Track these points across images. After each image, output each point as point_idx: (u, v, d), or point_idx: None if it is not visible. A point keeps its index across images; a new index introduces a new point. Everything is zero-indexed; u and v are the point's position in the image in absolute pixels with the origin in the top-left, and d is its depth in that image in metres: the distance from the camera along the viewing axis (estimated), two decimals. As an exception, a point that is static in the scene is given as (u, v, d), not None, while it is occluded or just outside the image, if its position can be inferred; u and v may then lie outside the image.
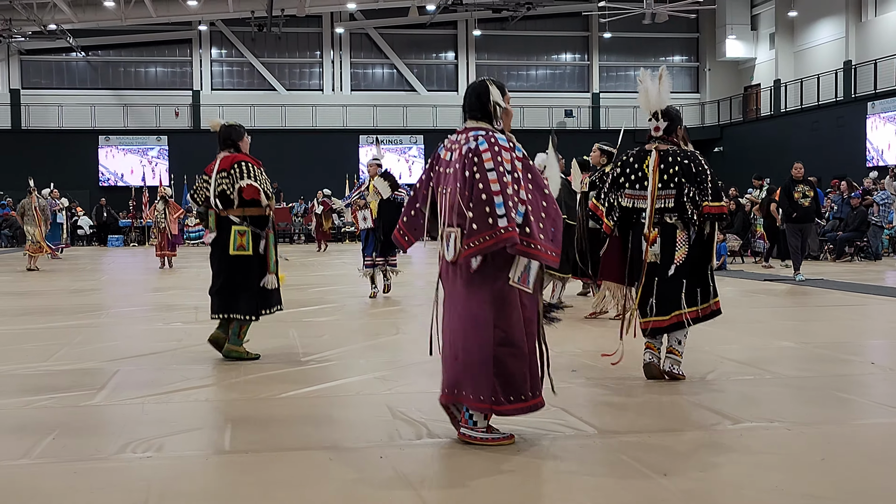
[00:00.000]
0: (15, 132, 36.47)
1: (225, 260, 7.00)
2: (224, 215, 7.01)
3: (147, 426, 5.01)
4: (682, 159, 5.95)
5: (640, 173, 6.03)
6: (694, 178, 5.89)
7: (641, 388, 5.89)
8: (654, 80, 6.08)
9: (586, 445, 4.56)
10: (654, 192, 5.94)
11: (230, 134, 7.17)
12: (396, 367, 6.82)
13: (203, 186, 7.17)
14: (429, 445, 4.60)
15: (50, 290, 13.84)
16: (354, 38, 39.30)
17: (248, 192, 6.90)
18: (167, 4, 33.96)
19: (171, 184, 33.57)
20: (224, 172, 7.00)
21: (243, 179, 6.89)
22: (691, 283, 5.97)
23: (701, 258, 5.99)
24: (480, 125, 4.57)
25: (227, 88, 38.62)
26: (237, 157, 7.03)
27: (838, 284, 13.38)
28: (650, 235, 5.96)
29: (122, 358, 7.29)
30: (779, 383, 6.14)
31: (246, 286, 7.01)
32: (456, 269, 4.52)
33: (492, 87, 4.61)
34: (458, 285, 4.53)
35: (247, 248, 6.95)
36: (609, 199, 6.15)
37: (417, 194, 4.79)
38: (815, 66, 33.76)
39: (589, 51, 40.48)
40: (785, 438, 4.69)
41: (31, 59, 37.68)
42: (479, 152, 4.39)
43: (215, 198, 7.01)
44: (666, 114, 6.08)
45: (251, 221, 7.00)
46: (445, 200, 4.54)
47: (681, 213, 5.93)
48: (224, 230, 7.01)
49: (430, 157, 4.78)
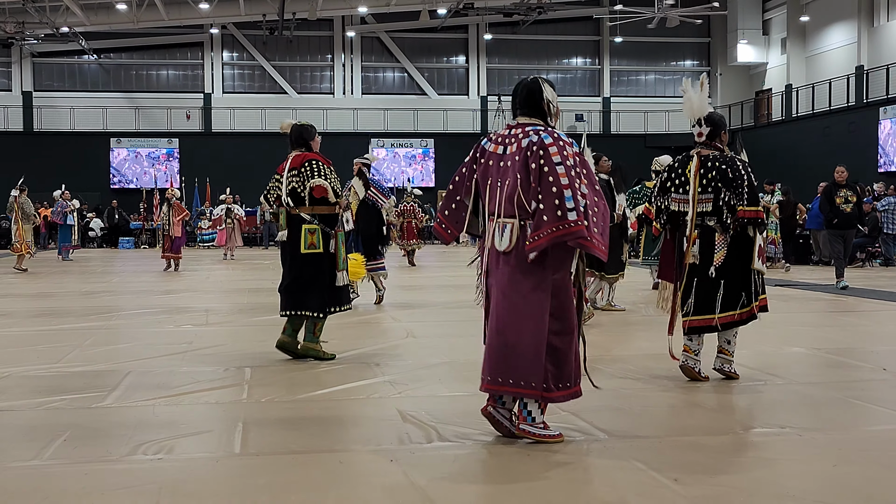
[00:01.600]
0: (27, 134, 36.60)
1: (296, 258, 7.12)
2: (295, 213, 7.14)
3: (157, 428, 5.02)
4: (720, 164, 6.13)
5: (684, 178, 6.25)
6: (730, 183, 6.07)
7: (653, 393, 5.88)
8: (695, 88, 6.31)
9: (596, 450, 4.55)
10: (696, 195, 6.14)
11: (302, 133, 7.34)
12: (407, 370, 6.82)
13: (275, 186, 7.32)
14: (439, 449, 4.59)
15: (61, 293, 13.87)
16: (365, 41, 39.35)
17: (318, 190, 7.04)
18: (179, 7, 34.05)
19: (182, 186, 33.66)
20: (295, 171, 7.15)
21: (314, 178, 7.03)
22: (732, 286, 6.12)
23: (743, 261, 6.13)
24: (534, 121, 4.70)
25: (238, 91, 38.70)
26: (308, 156, 7.19)
27: (850, 290, 13.33)
28: (690, 237, 6.16)
29: (133, 360, 7.31)
30: (790, 389, 6.12)
31: (316, 284, 7.12)
32: (509, 259, 4.59)
33: (545, 85, 4.74)
34: (511, 274, 4.58)
35: (317, 245, 7.08)
36: (657, 203, 6.39)
37: (458, 187, 4.86)
38: (827, 71, 33.68)
39: (600, 55, 40.45)
40: (797, 444, 4.68)
41: (44, 61, 37.82)
42: (544, 146, 4.50)
43: (287, 195, 7.14)
44: (708, 119, 6.28)
45: (321, 219, 7.12)
46: (499, 192, 4.62)
47: (719, 216, 6.11)
48: (295, 228, 7.13)
49: (473, 151, 4.84)
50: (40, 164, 33.89)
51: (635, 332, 9.03)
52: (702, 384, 6.18)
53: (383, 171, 37.27)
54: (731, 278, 6.11)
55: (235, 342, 8.46)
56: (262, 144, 35.62)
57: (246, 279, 16.49)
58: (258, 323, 9.81)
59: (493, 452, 4.50)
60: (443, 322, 9.62)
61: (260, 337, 8.73)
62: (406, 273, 17.87)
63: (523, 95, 4.75)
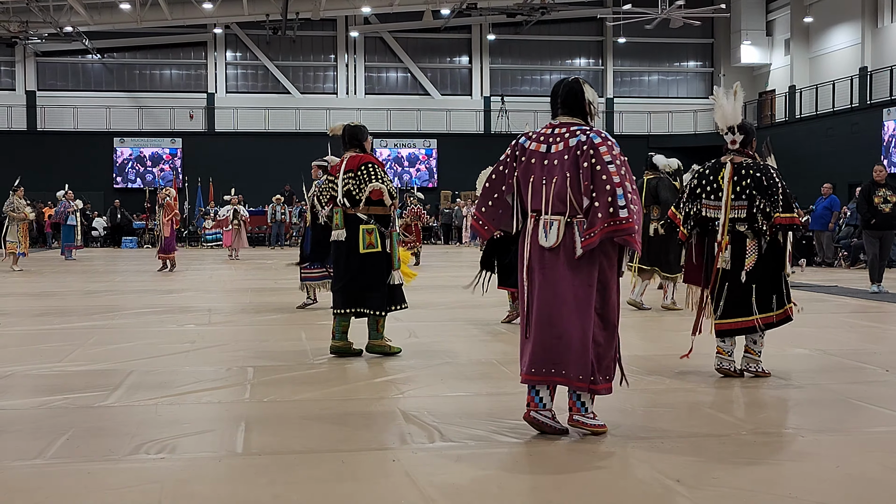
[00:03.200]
0: (31, 133, 36.64)
1: (355, 258, 7.21)
2: (351, 213, 7.24)
3: (160, 427, 5.03)
4: (754, 172, 6.25)
5: (716, 184, 6.35)
6: (765, 191, 6.19)
7: (658, 393, 5.88)
8: (728, 96, 6.39)
9: (598, 449, 4.55)
10: (728, 202, 6.24)
11: (356, 134, 7.46)
12: (409, 370, 6.82)
13: (329, 187, 7.43)
14: (441, 449, 4.59)
15: (64, 292, 13.88)
16: (369, 41, 39.37)
17: (376, 193, 7.17)
18: (182, 7, 34.08)
19: (185, 185, 33.69)
20: (351, 173, 7.27)
21: (372, 182, 7.17)
22: (764, 290, 6.25)
23: (774, 266, 6.28)
24: (576, 120, 4.83)
25: (242, 91, 38.72)
26: (364, 159, 7.31)
27: (853, 291, 13.33)
28: (722, 243, 6.25)
29: (135, 359, 7.31)
30: (793, 390, 6.12)
31: (375, 282, 7.23)
32: (556, 255, 4.70)
33: (586, 85, 4.90)
34: (558, 270, 4.69)
35: (376, 245, 7.21)
36: (686, 209, 6.49)
37: (497, 184, 4.92)
38: (831, 73, 33.66)
39: (603, 56, 40.45)
40: (799, 446, 4.68)
41: (47, 60, 37.86)
42: (594, 145, 4.64)
43: (342, 196, 7.25)
44: (742, 127, 6.38)
45: (376, 220, 7.24)
46: (545, 189, 4.71)
47: (751, 222, 6.22)
48: (351, 229, 7.23)
49: (510, 149, 4.93)
50: (44, 164, 33.97)
51: (639, 331, 9.02)
52: (704, 385, 6.18)
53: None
54: (762, 282, 6.25)
55: (238, 342, 8.46)
56: (266, 144, 35.74)
57: (249, 279, 16.49)
58: (261, 322, 9.82)
59: (495, 453, 4.51)
60: (445, 322, 9.62)
61: (262, 336, 8.75)
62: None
63: (564, 95, 4.88)
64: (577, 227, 4.65)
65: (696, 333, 6.42)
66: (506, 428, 4.93)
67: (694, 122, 39.10)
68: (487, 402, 5.68)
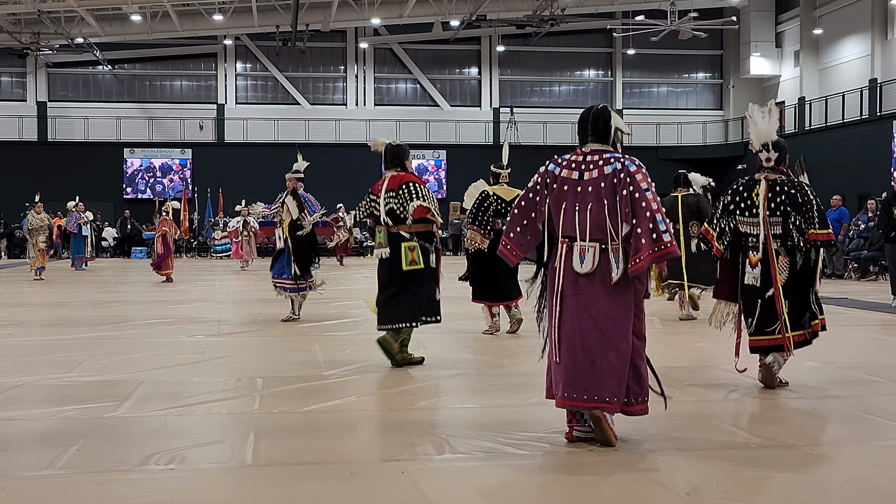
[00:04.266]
0: (41, 144, 36.79)
1: (397, 274, 7.31)
2: (394, 231, 7.34)
3: (169, 438, 5.04)
4: (789, 189, 6.29)
5: (749, 201, 6.38)
6: (800, 207, 6.23)
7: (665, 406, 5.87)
8: (763, 114, 6.43)
9: (608, 461, 4.55)
10: (765, 219, 6.29)
11: (398, 153, 7.58)
12: (419, 382, 6.82)
13: (371, 205, 7.54)
14: (450, 461, 4.59)
15: (74, 302, 13.92)
16: (378, 53, 39.46)
17: (419, 212, 7.28)
18: (193, 18, 34.22)
19: (195, 196, 33.76)
20: (393, 192, 7.36)
21: (414, 200, 7.26)
22: (795, 307, 6.29)
23: (805, 282, 6.33)
24: (606, 148, 4.92)
25: (252, 102, 38.83)
26: (405, 178, 7.42)
27: (862, 303, 13.28)
28: (753, 259, 6.32)
29: (145, 370, 7.33)
30: (802, 403, 6.10)
31: (414, 297, 7.33)
32: (592, 280, 4.77)
33: (613, 113, 4.97)
34: (593, 295, 4.76)
35: (419, 262, 7.29)
36: (720, 225, 6.54)
37: (525, 211, 4.99)
38: (841, 84, 33.61)
39: (612, 67, 40.47)
40: (809, 459, 4.67)
41: (58, 72, 38.03)
42: (630, 173, 4.74)
43: (385, 215, 7.35)
44: (776, 145, 6.41)
45: (419, 237, 7.33)
46: (578, 216, 4.79)
47: (784, 239, 6.27)
48: (395, 246, 7.33)
49: (539, 176, 4.99)
50: (54, 174, 34.11)
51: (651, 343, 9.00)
52: (714, 396, 6.18)
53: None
54: (793, 299, 6.29)
55: (247, 353, 8.48)
56: (275, 155, 35.74)
57: (259, 290, 16.50)
58: (270, 334, 9.83)
59: (504, 465, 4.50)
60: (454, 334, 9.61)
61: (272, 348, 8.76)
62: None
63: (594, 123, 4.93)
64: (612, 253, 4.75)
65: (738, 351, 6.50)
66: (515, 440, 4.92)
67: (703, 134, 39.08)
68: (496, 414, 5.68)
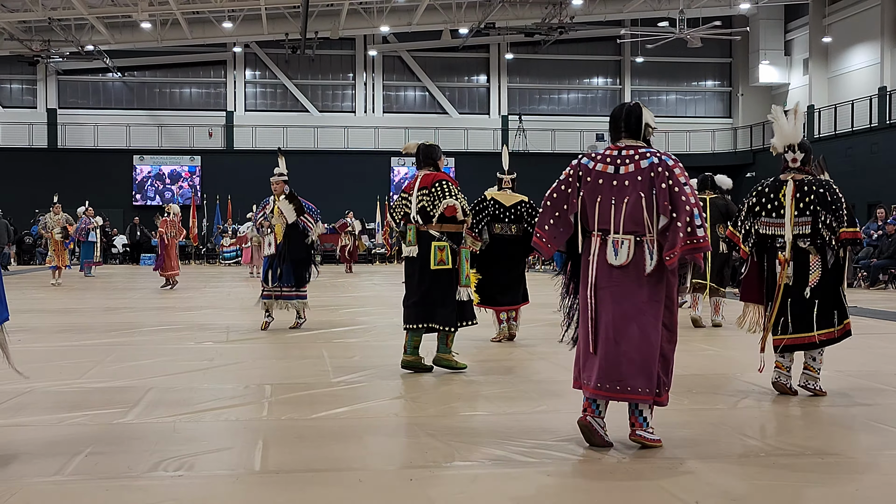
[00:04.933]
0: (52, 151, 36.91)
1: (426, 274, 7.33)
2: (424, 230, 7.36)
3: (178, 445, 5.04)
4: (817, 188, 6.33)
5: (777, 202, 6.40)
6: (829, 206, 6.27)
7: (673, 413, 5.85)
8: (788, 116, 6.48)
9: (615, 470, 4.54)
10: (792, 219, 6.31)
11: (431, 153, 7.61)
12: (427, 388, 6.82)
13: (402, 204, 7.57)
14: (459, 468, 4.58)
15: (83, 308, 13.95)
16: (387, 60, 39.52)
17: (450, 210, 7.31)
18: (203, 26, 34.34)
19: (204, 203, 33.82)
20: (425, 190, 7.39)
21: (446, 198, 7.30)
22: (826, 305, 6.33)
23: (834, 281, 6.36)
24: (640, 143, 5.02)
25: (261, 110, 38.91)
26: (438, 176, 7.45)
27: (872, 312, 13.24)
28: (781, 259, 6.34)
29: (154, 376, 7.34)
30: (811, 411, 6.08)
31: (446, 298, 7.35)
32: (625, 272, 4.87)
33: (645, 109, 5.07)
34: (627, 287, 4.86)
35: (447, 262, 7.33)
36: (745, 226, 6.56)
37: (558, 204, 5.07)
38: (850, 92, 33.56)
39: (621, 75, 40.46)
40: (817, 468, 4.64)
41: (68, 79, 38.17)
42: (668, 167, 4.84)
43: (416, 213, 7.38)
44: (802, 146, 6.46)
45: (448, 237, 7.36)
46: (614, 210, 4.88)
47: (814, 238, 6.29)
48: (424, 245, 7.35)
49: (572, 169, 5.08)
50: (64, 181, 34.13)
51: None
52: (724, 405, 6.16)
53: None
54: (824, 298, 6.32)
55: (256, 360, 8.49)
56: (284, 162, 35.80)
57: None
58: (279, 340, 9.83)
59: (513, 473, 4.49)
60: (462, 339, 9.60)
61: (280, 354, 8.77)
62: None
63: (627, 118, 5.04)
64: (646, 246, 4.84)
65: (763, 350, 6.48)
66: (524, 448, 4.92)
67: (712, 142, 39.04)
68: (505, 422, 5.67)
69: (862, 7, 33.58)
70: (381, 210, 33.11)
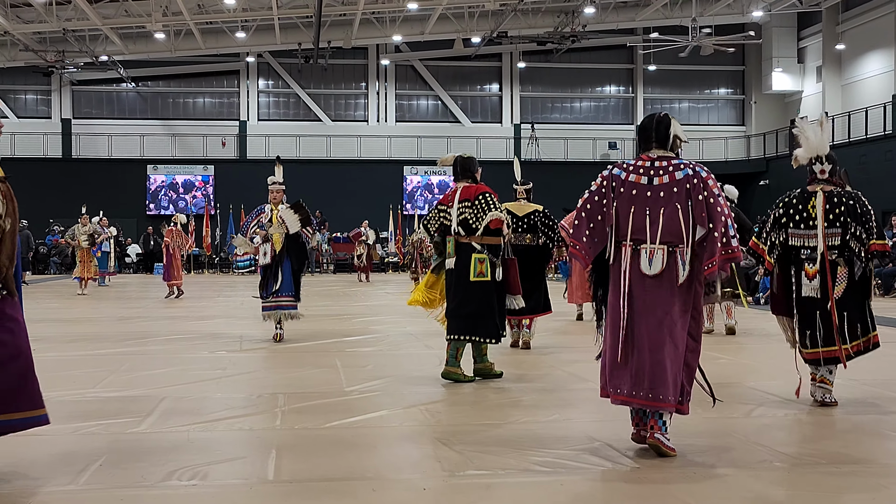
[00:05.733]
0: (66, 161, 37.08)
1: (465, 285, 7.37)
2: (464, 242, 7.39)
3: (192, 454, 5.05)
4: (847, 199, 6.34)
5: (805, 213, 6.40)
6: (859, 218, 6.28)
7: (686, 424, 5.83)
8: (814, 128, 6.49)
9: (632, 478, 4.52)
10: (823, 230, 6.30)
11: (469, 165, 7.67)
12: (441, 398, 6.81)
13: (440, 216, 7.60)
14: (472, 477, 4.58)
15: (97, 318, 14.00)
16: (399, 69, 39.59)
17: (495, 223, 7.34)
18: (216, 36, 34.48)
19: (217, 212, 33.90)
20: (467, 202, 7.43)
21: (491, 211, 7.33)
22: (852, 318, 6.31)
23: (862, 293, 6.37)
24: (670, 154, 5.10)
25: (274, 119, 39.01)
26: (480, 189, 7.50)
27: (886, 321, 13.17)
28: (811, 271, 6.32)
29: (167, 385, 7.35)
30: (825, 421, 6.05)
31: (485, 310, 7.37)
32: (658, 281, 4.95)
33: (674, 121, 5.15)
34: (659, 296, 4.94)
35: (486, 274, 7.34)
36: (771, 238, 6.54)
37: (591, 214, 5.11)
38: (863, 100, 33.45)
39: (633, 83, 40.42)
40: (833, 479, 4.62)
41: (83, 89, 38.35)
42: (703, 179, 4.93)
43: (458, 225, 7.40)
44: (829, 157, 6.46)
45: (488, 249, 7.38)
46: (649, 220, 4.95)
47: (842, 250, 6.29)
48: (464, 257, 7.39)
49: (604, 180, 5.12)
50: (78, 191, 34.29)
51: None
52: (735, 413, 6.13)
53: (416, 199, 37.40)
54: (852, 310, 6.31)
55: (269, 369, 8.50)
56: (297, 171, 35.81)
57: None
58: (291, 350, 9.84)
59: (527, 483, 4.49)
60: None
61: (293, 364, 8.77)
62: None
63: (657, 129, 5.12)
64: (678, 256, 4.91)
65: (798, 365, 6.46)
66: (538, 457, 4.91)
67: (725, 150, 38.94)
68: (519, 431, 5.66)
69: (875, 14, 33.48)
70: (394, 219, 33.16)
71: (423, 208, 36.30)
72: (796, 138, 6.62)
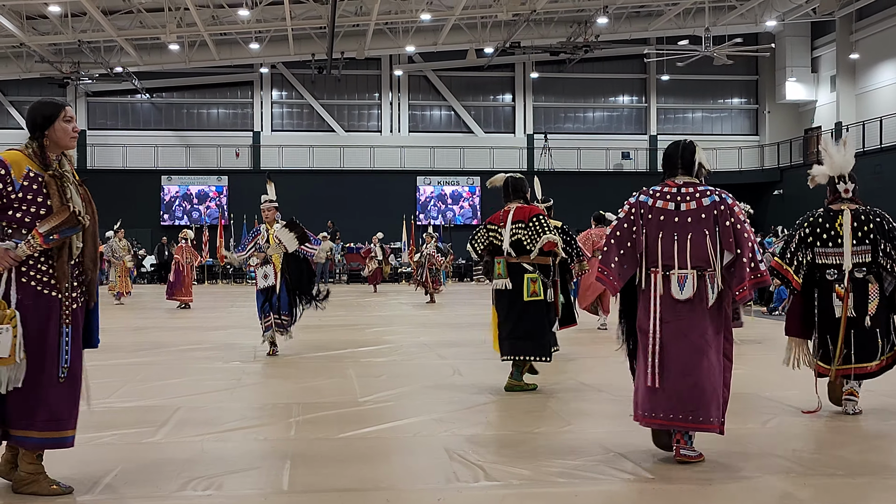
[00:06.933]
0: (81, 171, 36.69)
1: (518, 305, 7.44)
2: (515, 262, 7.47)
3: (206, 464, 5.06)
4: (874, 217, 6.38)
5: (833, 232, 6.39)
6: (888, 235, 6.30)
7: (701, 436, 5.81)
8: (838, 147, 6.55)
9: (643, 492, 4.51)
10: (851, 248, 6.32)
11: (520, 186, 7.73)
12: (454, 408, 6.81)
13: (489, 235, 7.64)
14: (486, 489, 4.58)
15: (112, 328, 14.03)
16: (413, 80, 39.65)
17: (549, 245, 7.41)
18: (230, 47, 34.61)
19: (231, 223, 34.00)
20: (521, 223, 7.50)
21: (547, 234, 7.40)
22: (884, 333, 6.37)
23: (889, 309, 6.41)
24: (695, 181, 5.18)
25: (287, 129, 39.10)
26: (533, 210, 7.58)
27: None
28: (841, 291, 6.33)
29: (182, 396, 7.38)
30: (841, 431, 6.02)
31: (537, 329, 7.47)
32: (690, 306, 5.01)
33: (698, 148, 5.25)
34: (691, 320, 5.01)
35: (539, 293, 7.43)
36: (797, 258, 6.52)
37: (622, 241, 5.16)
38: (878, 109, 33.34)
39: (646, 93, 40.37)
40: (850, 489, 4.60)
41: (98, 100, 38.54)
42: (729, 205, 5.04)
43: (510, 246, 7.46)
44: (851, 176, 6.50)
45: (539, 269, 7.47)
46: (677, 246, 5.03)
47: (871, 268, 6.31)
48: (517, 277, 7.45)
49: (633, 207, 5.19)
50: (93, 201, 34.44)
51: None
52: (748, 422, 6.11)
53: (430, 209, 37.42)
54: (882, 325, 6.36)
55: (283, 379, 8.51)
56: (310, 182, 35.96)
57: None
58: (306, 360, 9.85)
59: (540, 494, 4.48)
60: (488, 360, 9.59)
61: (307, 374, 8.78)
62: (440, 311, 17.88)
63: (683, 155, 5.21)
64: (708, 280, 4.99)
65: (818, 388, 6.47)
66: (551, 468, 4.91)
67: (738, 159, 38.86)
68: (532, 441, 5.66)
69: (890, 24, 33.39)
70: (407, 229, 33.18)
71: (436, 218, 36.34)
72: (819, 155, 6.62)
